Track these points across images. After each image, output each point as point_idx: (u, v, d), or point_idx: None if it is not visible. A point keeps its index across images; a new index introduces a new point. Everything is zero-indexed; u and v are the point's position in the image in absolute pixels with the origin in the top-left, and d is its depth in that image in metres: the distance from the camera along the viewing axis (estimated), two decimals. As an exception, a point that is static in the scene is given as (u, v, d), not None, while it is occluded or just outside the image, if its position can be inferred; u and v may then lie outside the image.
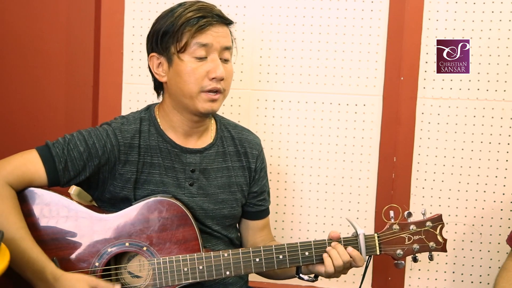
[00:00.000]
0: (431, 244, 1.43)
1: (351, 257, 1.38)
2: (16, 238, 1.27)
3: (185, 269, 1.36)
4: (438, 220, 1.44)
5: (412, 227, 1.42)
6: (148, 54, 1.46)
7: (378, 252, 1.41)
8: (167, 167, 1.46)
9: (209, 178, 1.49)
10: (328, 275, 1.40)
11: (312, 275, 1.46)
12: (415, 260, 1.44)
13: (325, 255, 1.39)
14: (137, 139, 1.44)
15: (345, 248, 1.39)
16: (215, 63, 1.39)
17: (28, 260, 1.27)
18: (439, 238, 1.43)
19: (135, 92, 2.06)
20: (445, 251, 1.45)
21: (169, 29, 1.39)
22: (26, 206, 1.35)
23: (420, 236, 1.42)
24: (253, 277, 2.04)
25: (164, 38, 1.40)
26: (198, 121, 1.47)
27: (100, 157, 1.40)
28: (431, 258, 1.44)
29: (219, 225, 1.51)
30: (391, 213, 1.42)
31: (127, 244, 1.37)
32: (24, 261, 1.27)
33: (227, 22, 1.44)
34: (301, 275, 1.47)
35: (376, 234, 1.42)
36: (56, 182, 1.38)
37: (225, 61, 1.43)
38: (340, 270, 1.39)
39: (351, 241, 1.40)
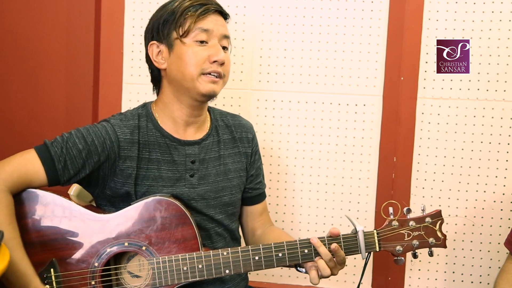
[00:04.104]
0: (431, 240, 1.42)
1: (332, 254, 1.37)
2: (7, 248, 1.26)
3: (185, 268, 1.36)
4: (437, 216, 1.44)
5: (411, 223, 1.42)
6: (147, 44, 1.49)
7: (377, 249, 1.41)
8: (166, 161, 1.46)
9: (208, 167, 1.51)
10: (322, 277, 1.40)
11: None
12: (414, 256, 1.44)
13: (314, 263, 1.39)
14: (136, 135, 1.45)
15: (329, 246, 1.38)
16: (216, 47, 1.43)
17: (15, 273, 1.26)
18: (438, 234, 1.43)
19: (135, 92, 2.06)
20: (445, 246, 1.44)
21: (170, 16, 1.43)
22: (25, 207, 1.35)
23: (419, 232, 1.42)
24: (253, 277, 2.05)
25: (166, 25, 1.44)
26: (198, 108, 1.48)
27: (99, 154, 1.40)
28: (431, 254, 1.44)
29: (222, 214, 1.52)
30: (390, 209, 1.42)
31: (126, 244, 1.37)
32: (11, 272, 1.26)
33: (223, 13, 1.49)
34: (299, 268, 1.46)
35: (375, 231, 1.41)
36: (56, 181, 1.38)
37: (224, 48, 1.46)
38: (331, 273, 1.39)
39: (350, 238, 1.40)
